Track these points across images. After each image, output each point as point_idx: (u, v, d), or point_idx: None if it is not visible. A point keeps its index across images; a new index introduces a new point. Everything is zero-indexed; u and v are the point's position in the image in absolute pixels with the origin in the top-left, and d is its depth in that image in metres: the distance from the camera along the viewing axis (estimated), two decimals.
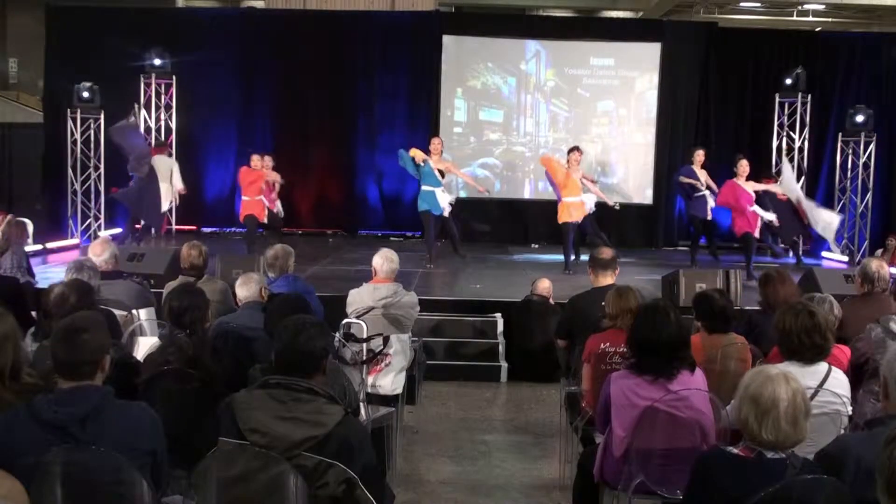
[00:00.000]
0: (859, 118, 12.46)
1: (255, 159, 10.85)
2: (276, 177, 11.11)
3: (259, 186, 10.81)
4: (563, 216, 10.42)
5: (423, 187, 10.44)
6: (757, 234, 10.52)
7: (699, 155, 11.15)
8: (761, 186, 10.75)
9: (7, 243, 7.40)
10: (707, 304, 4.57)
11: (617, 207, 11.00)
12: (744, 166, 10.41)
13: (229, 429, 2.97)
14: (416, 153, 10.35)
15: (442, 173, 10.48)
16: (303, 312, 3.79)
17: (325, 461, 2.89)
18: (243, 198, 10.95)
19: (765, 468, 2.71)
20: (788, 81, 12.98)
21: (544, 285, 8.11)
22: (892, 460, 2.11)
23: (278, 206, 11.37)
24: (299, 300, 4.48)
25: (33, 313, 5.46)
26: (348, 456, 2.92)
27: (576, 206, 10.41)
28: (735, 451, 2.79)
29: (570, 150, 10.65)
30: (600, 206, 10.80)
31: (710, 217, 11.12)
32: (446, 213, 10.54)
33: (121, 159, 13.05)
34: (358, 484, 2.91)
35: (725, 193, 10.50)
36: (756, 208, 10.43)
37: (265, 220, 11.00)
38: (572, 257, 10.56)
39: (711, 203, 10.97)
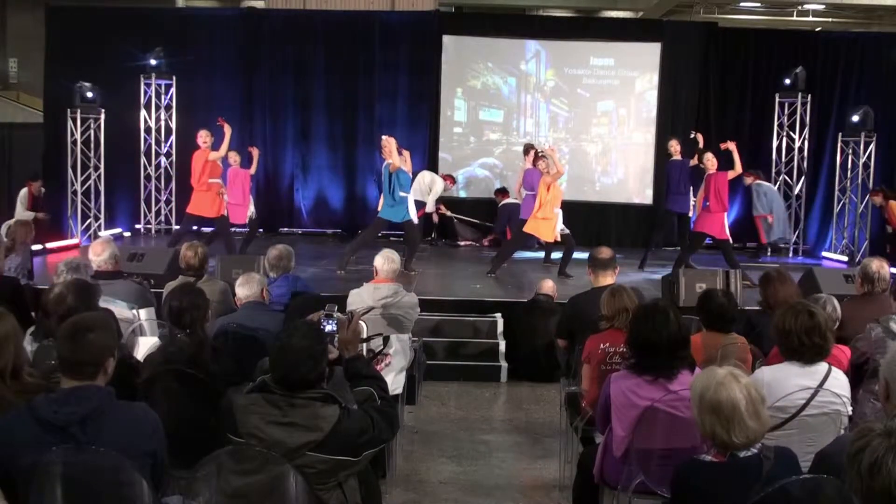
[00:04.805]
0: (859, 118, 12.45)
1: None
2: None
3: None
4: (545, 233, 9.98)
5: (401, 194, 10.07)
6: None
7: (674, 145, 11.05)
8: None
9: (13, 243, 7.38)
10: (710, 304, 4.59)
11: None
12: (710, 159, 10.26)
13: (230, 429, 2.97)
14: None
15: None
16: None
17: (326, 458, 2.92)
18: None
19: (742, 468, 2.75)
20: (788, 81, 12.97)
21: (548, 285, 8.11)
22: (863, 477, 1.97)
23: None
24: (319, 303, 4.49)
25: (33, 313, 5.46)
26: (354, 441, 2.98)
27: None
28: (709, 458, 2.82)
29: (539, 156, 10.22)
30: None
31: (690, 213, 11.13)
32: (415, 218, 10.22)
33: (120, 159, 13.11)
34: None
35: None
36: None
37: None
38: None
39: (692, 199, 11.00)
